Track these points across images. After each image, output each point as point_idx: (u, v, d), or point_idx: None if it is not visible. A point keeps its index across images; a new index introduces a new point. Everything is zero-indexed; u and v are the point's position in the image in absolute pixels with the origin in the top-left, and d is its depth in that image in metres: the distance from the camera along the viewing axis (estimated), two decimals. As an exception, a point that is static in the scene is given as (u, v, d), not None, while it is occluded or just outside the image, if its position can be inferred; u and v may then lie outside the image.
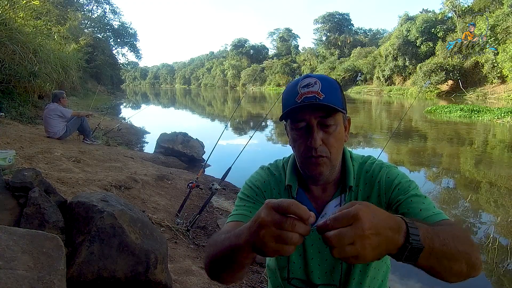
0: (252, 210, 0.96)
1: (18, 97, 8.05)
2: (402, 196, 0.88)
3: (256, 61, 75.30)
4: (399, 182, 0.91)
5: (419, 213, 0.83)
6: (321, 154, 0.88)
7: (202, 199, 4.10)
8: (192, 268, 2.45)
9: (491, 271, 3.03)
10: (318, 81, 0.87)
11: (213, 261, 0.81)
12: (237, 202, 1.01)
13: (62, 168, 3.92)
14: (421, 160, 7.40)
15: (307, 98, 0.86)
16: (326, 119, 0.87)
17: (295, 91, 0.88)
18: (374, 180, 0.95)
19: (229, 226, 0.93)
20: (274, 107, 4.27)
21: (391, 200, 0.90)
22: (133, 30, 41.90)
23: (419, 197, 0.87)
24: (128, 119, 12.34)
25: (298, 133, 0.90)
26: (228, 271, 0.79)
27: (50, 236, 1.39)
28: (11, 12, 8.49)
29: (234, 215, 0.97)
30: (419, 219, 0.78)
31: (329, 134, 0.88)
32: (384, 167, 0.96)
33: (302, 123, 0.88)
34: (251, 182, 1.03)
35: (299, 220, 0.58)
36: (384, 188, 0.93)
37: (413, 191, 0.89)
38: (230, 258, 0.74)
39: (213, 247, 0.82)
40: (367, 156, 1.03)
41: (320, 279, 0.97)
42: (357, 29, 64.55)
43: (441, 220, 0.81)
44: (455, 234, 0.70)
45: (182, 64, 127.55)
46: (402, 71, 37.62)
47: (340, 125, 0.91)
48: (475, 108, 15.06)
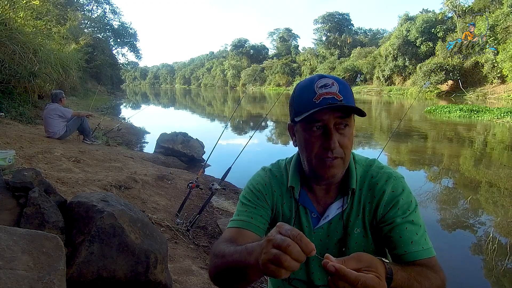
0: (254, 216, 0.96)
1: (18, 97, 8.05)
2: (399, 219, 0.89)
3: (256, 61, 75.28)
4: (401, 200, 0.91)
5: (409, 245, 0.87)
6: (337, 155, 0.87)
7: (202, 199, 4.10)
8: (192, 268, 2.45)
9: (491, 271, 3.03)
10: (335, 82, 0.87)
11: (221, 273, 0.82)
12: (238, 206, 1.01)
13: (62, 168, 3.92)
14: (420, 160, 7.40)
15: (326, 99, 0.84)
16: (343, 119, 0.87)
17: (311, 91, 0.86)
18: (379, 189, 0.93)
19: (231, 233, 0.93)
20: (274, 107, 4.27)
21: (387, 217, 0.91)
22: (133, 30, 41.93)
23: (415, 226, 0.89)
24: (128, 119, 12.35)
25: (312, 133, 0.88)
26: (236, 284, 0.81)
27: (50, 236, 1.39)
28: (11, 12, 8.48)
29: (236, 220, 0.96)
30: (407, 252, 0.87)
31: (345, 136, 0.88)
32: (391, 178, 0.94)
33: (319, 124, 0.86)
34: (252, 185, 1.02)
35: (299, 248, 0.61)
36: (386, 201, 0.92)
37: (411, 216, 0.89)
38: (239, 273, 0.76)
39: (220, 259, 0.82)
40: (372, 159, 1.02)
41: (320, 280, 0.97)
42: (357, 29, 64.66)
43: (427, 258, 0.87)
44: (427, 285, 0.80)
45: (182, 64, 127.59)
46: (402, 71, 37.63)
47: (352, 126, 0.91)
48: (474, 108, 15.06)
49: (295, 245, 0.60)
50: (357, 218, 0.94)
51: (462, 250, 3.47)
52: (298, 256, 0.60)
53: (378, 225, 0.92)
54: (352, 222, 0.94)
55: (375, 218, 0.93)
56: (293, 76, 57.37)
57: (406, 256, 0.86)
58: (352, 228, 0.94)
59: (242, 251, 0.74)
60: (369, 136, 10.81)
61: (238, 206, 1.01)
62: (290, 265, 0.60)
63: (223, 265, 0.80)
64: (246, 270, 0.72)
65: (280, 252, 0.60)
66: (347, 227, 0.95)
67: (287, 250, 0.59)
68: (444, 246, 3.45)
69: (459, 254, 3.39)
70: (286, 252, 0.60)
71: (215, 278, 0.86)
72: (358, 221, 0.94)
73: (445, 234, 3.86)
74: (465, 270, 3.11)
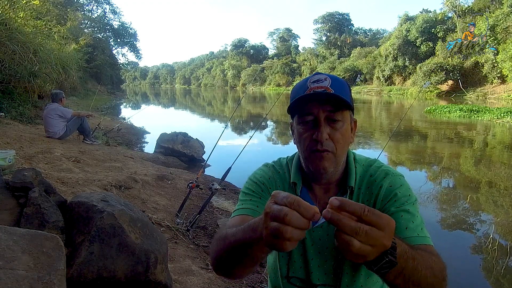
0: (259, 205, 0.95)
1: (18, 97, 8.05)
2: (394, 208, 0.87)
3: (256, 61, 75.32)
4: (398, 193, 0.90)
5: (404, 231, 0.83)
6: (327, 148, 0.87)
7: (202, 199, 4.10)
8: (192, 268, 2.45)
9: (490, 271, 3.03)
10: (328, 77, 0.88)
11: (223, 255, 0.79)
12: (241, 197, 1.00)
13: (62, 168, 3.92)
14: (420, 160, 7.40)
15: (316, 91, 0.86)
16: (334, 113, 0.87)
17: (304, 86, 0.89)
18: (376, 185, 0.94)
19: (235, 220, 0.91)
20: (274, 107, 4.27)
21: (384, 209, 0.90)
22: (133, 30, 42.01)
23: (411, 215, 0.86)
24: (128, 119, 12.35)
25: (304, 127, 0.90)
26: (239, 266, 0.78)
27: (50, 236, 1.39)
28: (11, 12, 8.48)
29: (240, 209, 0.95)
30: (401, 237, 0.78)
31: (336, 130, 0.88)
32: (389, 175, 0.94)
33: (310, 117, 0.88)
34: (255, 177, 1.02)
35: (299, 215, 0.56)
36: (383, 195, 0.92)
37: (408, 206, 0.87)
38: (243, 252, 0.73)
39: (223, 241, 0.79)
40: (373, 159, 1.02)
41: (319, 280, 0.96)
42: (357, 29, 64.69)
43: (423, 244, 0.81)
44: (429, 264, 0.71)
45: (182, 64, 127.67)
46: (402, 71, 37.64)
47: (347, 123, 0.91)
48: (474, 108, 15.06)
49: (294, 213, 0.55)
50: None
51: (462, 250, 3.47)
52: (300, 223, 0.55)
53: None
54: None
55: None
56: (293, 76, 57.35)
57: None
58: None
59: (245, 229, 0.71)
60: (369, 136, 10.81)
61: (241, 196, 1.00)
62: (292, 236, 0.55)
63: (225, 247, 0.77)
64: (252, 246, 0.69)
65: (279, 224, 0.56)
66: None
67: (285, 220, 0.55)
68: (445, 246, 3.45)
69: (459, 253, 3.39)
70: (285, 222, 0.55)
71: (217, 264, 0.83)
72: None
73: (445, 233, 3.86)
74: (465, 270, 3.11)
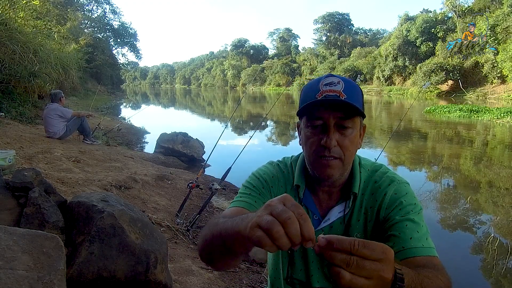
0: (258, 201, 0.93)
1: (18, 97, 8.05)
2: (398, 217, 0.85)
3: (256, 61, 75.31)
4: (403, 201, 0.88)
5: (408, 241, 0.80)
6: (334, 155, 0.85)
7: (202, 199, 4.10)
8: (192, 268, 2.45)
9: (490, 271, 3.03)
10: (341, 81, 0.86)
11: (208, 243, 0.75)
12: (241, 190, 0.98)
13: (62, 168, 3.92)
14: (420, 160, 7.40)
15: (328, 96, 0.83)
16: (345, 120, 0.85)
17: (316, 88, 0.86)
18: (381, 192, 0.92)
19: (230, 211, 0.89)
20: (274, 107, 4.27)
21: (388, 217, 0.88)
22: (133, 30, 42.04)
23: (416, 224, 0.84)
24: (128, 119, 12.36)
25: (312, 131, 0.87)
26: (219, 259, 0.75)
27: (50, 236, 1.39)
28: (11, 12, 8.48)
29: (238, 201, 0.93)
30: (406, 248, 0.78)
31: (345, 137, 0.86)
32: (395, 182, 0.92)
33: (319, 121, 0.86)
34: (258, 173, 1.01)
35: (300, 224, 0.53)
36: (387, 203, 0.90)
37: (413, 215, 0.85)
38: (224, 243, 0.67)
39: (212, 228, 0.74)
40: (379, 164, 1.00)
41: (319, 283, 0.96)
42: (357, 29, 64.66)
43: (428, 256, 0.79)
44: (438, 286, 0.69)
45: (182, 64, 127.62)
46: (402, 71, 37.64)
47: (357, 129, 0.89)
48: (474, 108, 15.06)
49: (296, 223, 0.52)
50: (357, 222, 0.93)
51: (462, 250, 3.47)
52: (294, 235, 0.52)
53: (381, 228, 0.89)
54: (352, 227, 0.94)
55: (377, 222, 0.91)
56: (293, 76, 57.37)
57: (404, 252, 0.79)
58: (352, 233, 0.93)
59: (236, 219, 0.65)
60: (369, 136, 10.81)
61: (241, 190, 0.98)
62: (279, 238, 0.51)
63: (211, 234, 0.73)
64: (234, 238, 0.63)
65: (276, 220, 0.52)
66: (348, 231, 0.94)
67: (284, 222, 0.52)
68: (445, 246, 3.45)
69: (459, 253, 3.39)
70: (283, 224, 0.52)
71: (202, 251, 0.79)
72: (359, 226, 0.93)
73: (445, 233, 3.86)
74: (465, 270, 3.11)
